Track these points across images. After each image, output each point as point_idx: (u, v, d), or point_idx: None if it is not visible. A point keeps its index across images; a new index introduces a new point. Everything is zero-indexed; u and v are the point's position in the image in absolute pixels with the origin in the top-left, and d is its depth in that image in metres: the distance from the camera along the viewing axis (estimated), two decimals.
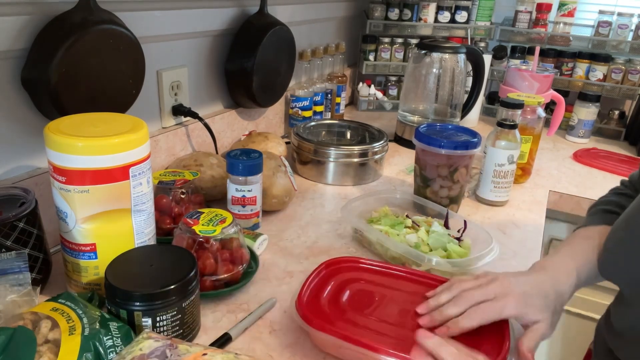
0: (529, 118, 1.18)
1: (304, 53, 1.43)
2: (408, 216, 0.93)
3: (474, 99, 1.50)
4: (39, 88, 0.73)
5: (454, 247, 0.83)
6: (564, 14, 1.69)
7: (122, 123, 0.67)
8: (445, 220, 0.91)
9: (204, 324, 0.69)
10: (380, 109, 1.86)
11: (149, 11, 0.93)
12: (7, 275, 0.61)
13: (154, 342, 0.54)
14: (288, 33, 1.24)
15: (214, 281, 0.73)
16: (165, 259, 0.66)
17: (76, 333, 0.54)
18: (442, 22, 1.77)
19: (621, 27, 1.61)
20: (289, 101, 1.45)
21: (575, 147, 1.58)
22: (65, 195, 0.63)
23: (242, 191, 0.89)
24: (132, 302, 0.59)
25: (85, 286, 0.69)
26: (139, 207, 0.68)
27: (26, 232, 0.67)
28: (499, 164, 1.08)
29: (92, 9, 0.75)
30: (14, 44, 0.72)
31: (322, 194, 1.13)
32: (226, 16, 1.14)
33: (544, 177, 1.32)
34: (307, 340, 0.67)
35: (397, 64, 1.82)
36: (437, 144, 1.00)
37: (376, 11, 1.77)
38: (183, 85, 1.07)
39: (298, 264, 0.85)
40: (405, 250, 0.80)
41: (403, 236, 0.86)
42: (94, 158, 0.61)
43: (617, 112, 1.72)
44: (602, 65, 1.67)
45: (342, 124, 1.39)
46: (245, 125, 1.30)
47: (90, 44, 0.75)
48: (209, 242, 0.73)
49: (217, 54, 1.16)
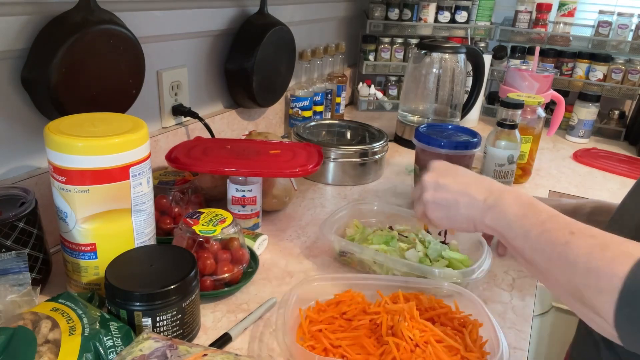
0: (529, 118, 1.18)
1: (304, 53, 1.43)
2: (392, 228, 0.90)
3: (474, 99, 1.50)
4: (39, 88, 0.73)
5: (450, 254, 0.82)
6: (564, 14, 1.69)
7: (122, 123, 0.67)
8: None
9: (204, 324, 0.69)
10: (380, 109, 1.86)
11: (149, 11, 0.93)
12: (7, 275, 0.61)
13: (154, 343, 0.54)
14: (288, 33, 1.24)
15: (214, 281, 0.73)
16: (165, 259, 0.66)
17: (76, 333, 0.54)
18: (442, 22, 1.77)
19: (621, 27, 1.61)
20: (289, 101, 1.45)
21: (575, 147, 1.58)
22: (65, 195, 0.63)
23: (242, 191, 0.89)
24: (132, 302, 0.59)
25: (85, 286, 0.69)
26: (139, 207, 0.68)
27: (26, 232, 0.67)
28: (499, 164, 1.08)
29: (92, 9, 0.75)
30: (14, 44, 0.72)
31: (322, 194, 1.13)
32: (226, 16, 1.14)
33: (544, 177, 1.32)
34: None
35: (397, 64, 1.82)
36: (437, 144, 1.00)
37: (376, 11, 1.77)
38: (183, 85, 1.07)
39: (298, 264, 0.85)
40: (414, 268, 0.77)
41: (400, 251, 0.83)
42: (94, 158, 0.61)
43: (617, 112, 1.72)
44: (602, 65, 1.67)
45: (342, 124, 1.39)
46: (245, 125, 1.30)
47: (90, 44, 0.75)
48: (209, 242, 0.73)
49: (217, 54, 1.16)
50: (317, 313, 0.69)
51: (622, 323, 0.44)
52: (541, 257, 0.52)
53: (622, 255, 0.45)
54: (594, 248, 0.47)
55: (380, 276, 0.78)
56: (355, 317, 0.68)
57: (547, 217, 0.54)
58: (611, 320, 0.45)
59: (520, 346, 0.69)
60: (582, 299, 0.48)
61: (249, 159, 0.92)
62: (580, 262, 0.47)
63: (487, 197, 0.61)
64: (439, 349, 0.62)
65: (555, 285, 0.52)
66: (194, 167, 0.89)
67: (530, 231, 0.54)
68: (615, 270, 0.44)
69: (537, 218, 0.55)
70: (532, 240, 0.54)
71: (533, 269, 0.55)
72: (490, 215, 0.59)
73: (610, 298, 0.44)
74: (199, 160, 0.91)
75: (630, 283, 0.43)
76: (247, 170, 0.89)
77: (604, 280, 0.45)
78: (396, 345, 0.61)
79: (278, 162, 0.93)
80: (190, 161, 0.90)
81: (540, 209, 0.56)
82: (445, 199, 0.64)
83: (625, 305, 0.44)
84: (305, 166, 0.92)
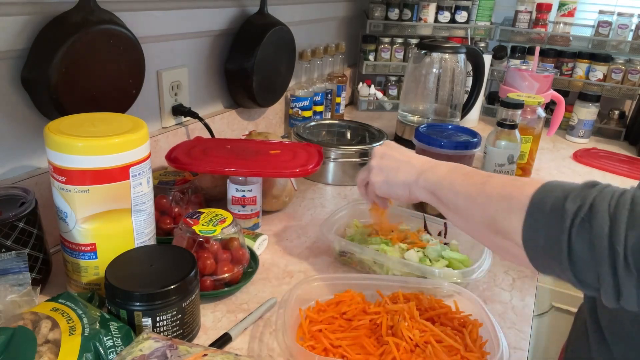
0: (529, 118, 1.18)
1: (304, 53, 1.43)
2: (392, 230, 0.89)
3: (474, 99, 1.50)
4: (39, 88, 0.73)
5: (450, 254, 0.82)
6: (564, 14, 1.69)
7: (122, 123, 0.67)
8: (425, 225, 0.91)
9: (204, 324, 0.69)
10: (380, 109, 1.86)
11: (149, 11, 0.93)
12: (7, 275, 0.61)
13: (154, 343, 0.54)
14: (288, 33, 1.24)
15: (214, 281, 0.73)
16: (165, 259, 0.66)
17: (76, 333, 0.54)
18: (442, 22, 1.76)
19: (621, 27, 1.61)
20: (289, 101, 1.45)
21: (575, 147, 1.58)
22: (65, 195, 0.63)
23: (242, 191, 0.89)
24: (132, 302, 0.59)
25: (85, 286, 0.69)
26: (139, 207, 0.68)
27: (26, 232, 0.67)
28: (499, 164, 1.08)
29: (92, 9, 0.75)
30: (14, 44, 0.72)
31: (322, 194, 1.13)
32: (226, 16, 1.14)
33: (544, 177, 1.32)
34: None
35: (397, 64, 1.82)
36: (437, 144, 1.00)
37: (376, 11, 1.77)
38: (183, 85, 1.07)
39: (298, 264, 0.85)
40: (414, 268, 0.77)
41: (400, 251, 0.83)
42: (94, 158, 0.61)
43: (617, 112, 1.72)
44: (602, 65, 1.67)
45: (342, 124, 1.39)
46: (245, 125, 1.30)
47: (90, 44, 0.75)
48: (209, 242, 0.73)
49: (217, 54, 1.16)
50: (317, 313, 0.69)
51: (528, 241, 0.48)
52: (463, 199, 0.59)
53: (530, 182, 0.51)
54: (507, 181, 0.54)
55: (380, 276, 0.78)
56: (355, 317, 0.68)
57: (471, 170, 0.62)
58: (520, 240, 0.49)
59: (520, 346, 0.69)
60: (495, 227, 0.53)
61: (249, 159, 0.93)
62: (495, 194, 0.53)
63: (424, 164, 0.68)
64: (439, 349, 0.62)
65: (472, 222, 0.58)
66: (194, 167, 0.89)
67: (456, 180, 0.61)
68: (524, 192, 0.49)
69: (463, 171, 0.62)
70: (456, 187, 0.60)
71: (454, 215, 0.61)
72: (423, 177, 0.66)
73: (519, 216, 0.49)
74: (199, 160, 0.91)
75: (535, 199, 0.48)
76: (247, 170, 0.89)
77: (514, 202, 0.50)
78: (396, 345, 0.61)
79: (278, 162, 0.93)
80: (190, 161, 0.90)
81: (466, 167, 0.63)
82: (388, 165, 0.72)
83: (530, 219, 0.48)
84: (305, 166, 0.92)
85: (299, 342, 0.63)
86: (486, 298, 0.79)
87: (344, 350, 0.63)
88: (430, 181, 0.64)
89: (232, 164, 0.90)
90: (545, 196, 0.47)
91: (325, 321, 0.67)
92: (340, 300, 0.71)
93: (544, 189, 0.48)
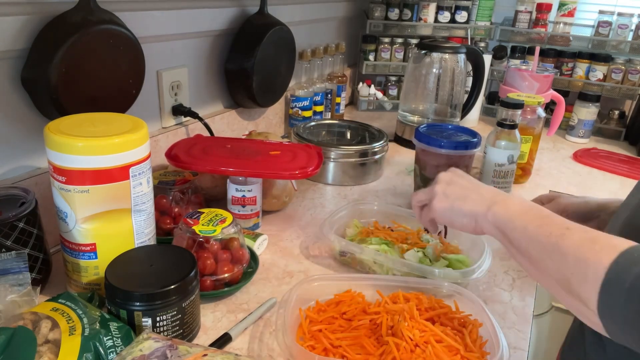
0: (529, 118, 1.18)
1: (304, 53, 1.43)
2: (392, 229, 0.90)
3: (474, 99, 1.50)
4: (39, 88, 0.73)
5: (450, 254, 0.82)
6: (564, 14, 1.69)
7: (122, 123, 0.67)
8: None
9: (204, 324, 0.69)
10: (380, 109, 1.86)
11: (149, 11, 0.93)
12: (7, 275, 0.61)
13: (154, 343, 0.54)
14: (288, 33, 1.24)
15: (214, 281, 0.73)
16: (165, 259, 0.66)
17: (76, 333, 0.54)
18: (442, 22, 1.76)
19: (621, 27, 1.61)
20: (289, 101, 1.45)
21: (575, 147, 1.58)
22: (65, 195, 0.63)
23: (242, 191, 0.89)
24: (132, 302, 0.59)
25: (85, 286, 0.69)
26: (139, 207, 0.68)
27: (26, 232, 0.67)
28: (499, 164, 1.08)
29: (92, 9, 0.75)
30: (14, 44, 0.72)
31: (322, 194, 1.13)
32: (226, 16, 1.14)
33: (544, 177, 1.32)
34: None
35: (397, 64, 1.82)
36: (437, 144, 1.00)
37: (376, 11, 1.77)
38: (183, 85, 1.07)
39: (298, 264, 0.85)
40: (414, 268, 0.77)
41: (400, 251, 0.83)
42: (94, 158, 0.61)
43: (617, 112, 1.72)
44: (602, 65, 1.67)
45: (342, 124, 1.39)
46: (245, 125, 1.30)
47: (90, 44, 0.75)
48: (209, 242, 0.73)
49: (217, 54, 1.16)
50: (317, 313, 0.69)
51: (604, 312, 0.47)
52: (536, 248, 0.55)
53: (608, 247, 0.48)
54: (585, 241, 0.50)
55: (380, 276, 0.78)
56: (355, 317, 0.68)
57: (547, 214, 0.58)
58: (595, 309, 0.47)
59: (520, 346, 0.69)
60: (569, 289, 0.50)
61: (249, 159, 0.92)
62: (571, 253, 0.50)
63: (495, 196, 0.65)
64: (439, 349, 0.62)
65: (546, 275, 0.55)
66: (194, 166, 0.89)
67: (530, 224, 0.57)
68: (600, 261, 0.47)
69: (538, 214, 0.58)
70: (529, 232, 0.56)
71: (526, 261, 0.58)
72: (494, 210, 0.62)
73: (595, 287, 0.47)
74: (199, 159, 0.91)
75: (612, 273, 0.46)
76: (247, 171, 0.89)
77: (590, 270, 0.48)
78: (396, 345, 0.61)
79: (278, 164, 0.93)
80: (190, 160, 0.90)
81: (541, 209, 0.59)
82: (455, 193, 0.68)
83: (607, 294, 0.46)
84: (305, 169, 0.91)
85: (299, 342, 0.63)
86: (486, 298, 0.79)
87: (344, 350, 0.63)
88: (501, 218, 0.61)
89: (232, 164, 0.90)
90: (623, 272, 0.45)
91: (325, 321, 0.67)
92: (340, 300, 0.71)
93: (623, 260, 0.46)
